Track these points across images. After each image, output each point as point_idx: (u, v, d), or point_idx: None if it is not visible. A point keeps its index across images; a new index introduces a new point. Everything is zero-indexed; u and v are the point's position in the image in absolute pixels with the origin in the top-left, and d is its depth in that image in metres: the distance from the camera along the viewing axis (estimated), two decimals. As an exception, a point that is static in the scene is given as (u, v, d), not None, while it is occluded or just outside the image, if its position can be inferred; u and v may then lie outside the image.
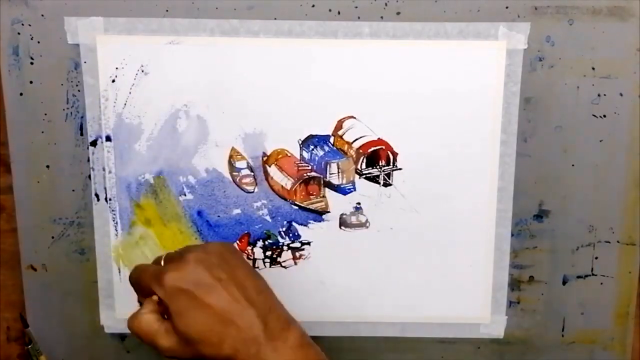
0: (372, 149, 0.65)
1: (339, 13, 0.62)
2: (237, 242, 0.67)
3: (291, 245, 0.67)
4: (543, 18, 0.62)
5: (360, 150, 0.65)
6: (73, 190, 0.66)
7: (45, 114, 0.64)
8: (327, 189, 0.66)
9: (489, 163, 0.65)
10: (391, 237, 0.66)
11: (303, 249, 0.67)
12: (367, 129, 0.64)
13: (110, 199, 0.66)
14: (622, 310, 0.69)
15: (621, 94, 0.64)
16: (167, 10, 0.62)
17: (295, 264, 0.67)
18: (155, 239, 0.67)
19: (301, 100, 0.64)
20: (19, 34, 0.62)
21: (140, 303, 0.55)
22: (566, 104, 0.64)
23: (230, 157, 0.65)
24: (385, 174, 0.65)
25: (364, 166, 0.65)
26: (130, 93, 0.64)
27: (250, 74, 0.63)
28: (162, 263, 0.54)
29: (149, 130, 0.64)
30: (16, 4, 0.62)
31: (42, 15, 0.62)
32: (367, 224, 0.66)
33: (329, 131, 0.64)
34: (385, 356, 0.70)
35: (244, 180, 0.66)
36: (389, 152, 0.65)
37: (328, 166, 0.65)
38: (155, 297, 0.52)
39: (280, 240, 0.67)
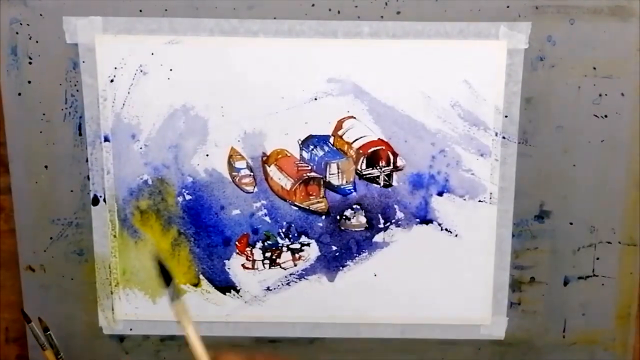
0: (372, 149, 0.64)
1: (339, 13, 0.62)
2: (237, 242, 0.67)
3: (291, 246, 0.67)
4: (544, 18, 0.62)
5: (360, 151, 0.65)
6: (71, 191, 0.66)
7: (44, 114, 0.64)
8: (327, 190, 0.66)
9: (489, 163, 0.65)
10: (391, 238, 0.66)
11: (303, 250, 0.67)
12: (367, 129, 0.64)
13: (108, 200, 0.66)
14: (623, 311, 0.68)
15: (622, 94, 0.63)
16: (166, 10, 0.62)
17: (295, 265, 0.67)
18: (153, 240, 0.67)
19: (301, 100, 0.63)
20: (17, 33, 0.62)
21: None
22: (567, 104, 0.64)
23: (230, 157, 0.65)
24: (386, 175, 0.65)
25: (364, 166, 0.65)
26: (129, 93, 0.63)
27: (250, 74, 0.63)
28: None
29: (147, 131, 0.64)
30: (15, 4, 0.61)
31: (41, 15, 0.62)
32: (367, 225, 0.66)
33: (329, 131, 0.64)
34: (385, 357, 0.69)
35: (243, 181, 0.65)
36: (389, 152, 0.65)
37: (328, 166, 0.65)
38: None
39: (280, 241, 0.67)
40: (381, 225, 0.66)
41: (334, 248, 0.67)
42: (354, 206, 0.66)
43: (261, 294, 0.68)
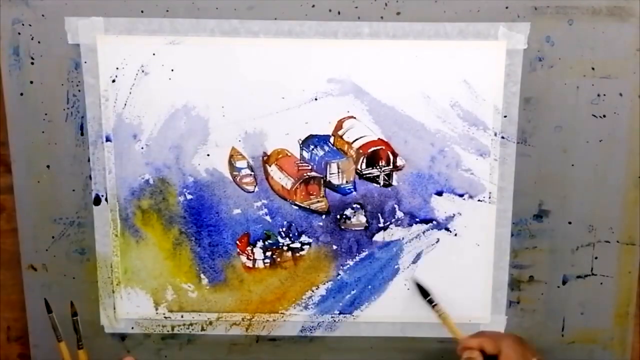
0: (372, 149, 0.65)
1: (339, 13, 0.62)
2: (237, 242, 0.67)
3: (291, 245, 0.67)
4: (543, 18, 0.62)
5: (360, 150, 0.65)
6: (73, 190, 0.66)
7: (46, 114, 0.64)
8: (327, 189, 0.66)
9: (488, 163, 0.65)
10: (391, 237, 0.67)
11: (303, 249, 0.67)
12: (367, 129, 0.64)
13: (110, 199, 0.66)
14: (622, 310, 0.69)
15: (621, 94, 0.64)
16: (167, 11, 0.62)
17: (295, 264, 0.67)
18: (154, 239, 0.67)
19: (301, 100, 0.64)
20: (19, 34, 0.62)
21: None
22: (566, 104, 0.64)
23: (231, 157, 0.65)
24: (385, 174, 0.65)
25: (364, 166, 0.65)
26: (130, 93, 0.64)
27: (250, 74, 0.63)
28: None
29: (149, 131, 0.64)
30: (17, 4, 0.62)
31: (43, 16, 0.62)
32: (367, 224, 0.66)
33: (329, 131, 0.64)
34: (385, 356, 0.70)
35: (244, 180, 0.66)
36: (389, 152, 0.65)
37: (328, 166, 0.65)
38: None
39: (280, 240, 0.67)
40: (381, 225, 0.66)
41: (334, 247, 0.67)
42: (354, 205, 0.66)
43: (262, 293, 0.68)
